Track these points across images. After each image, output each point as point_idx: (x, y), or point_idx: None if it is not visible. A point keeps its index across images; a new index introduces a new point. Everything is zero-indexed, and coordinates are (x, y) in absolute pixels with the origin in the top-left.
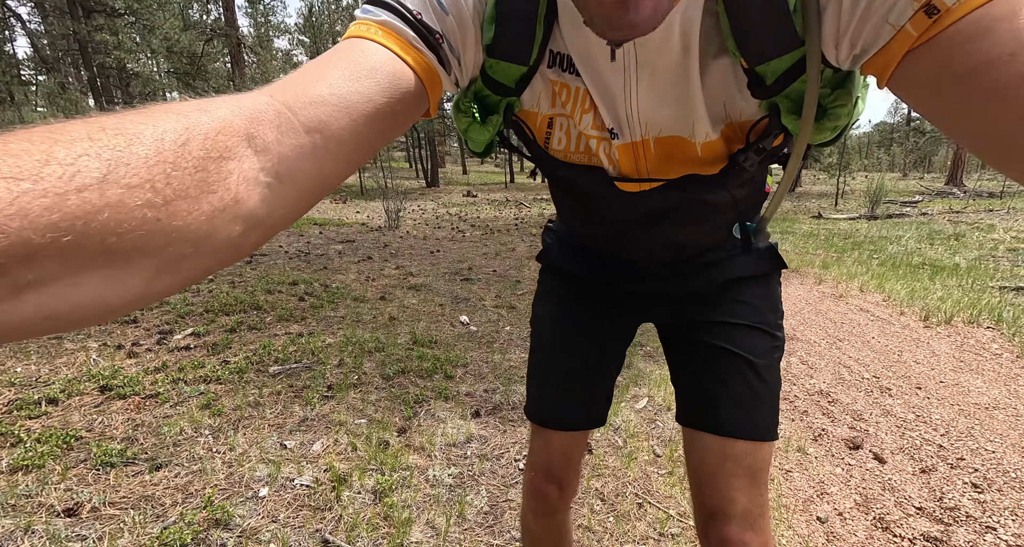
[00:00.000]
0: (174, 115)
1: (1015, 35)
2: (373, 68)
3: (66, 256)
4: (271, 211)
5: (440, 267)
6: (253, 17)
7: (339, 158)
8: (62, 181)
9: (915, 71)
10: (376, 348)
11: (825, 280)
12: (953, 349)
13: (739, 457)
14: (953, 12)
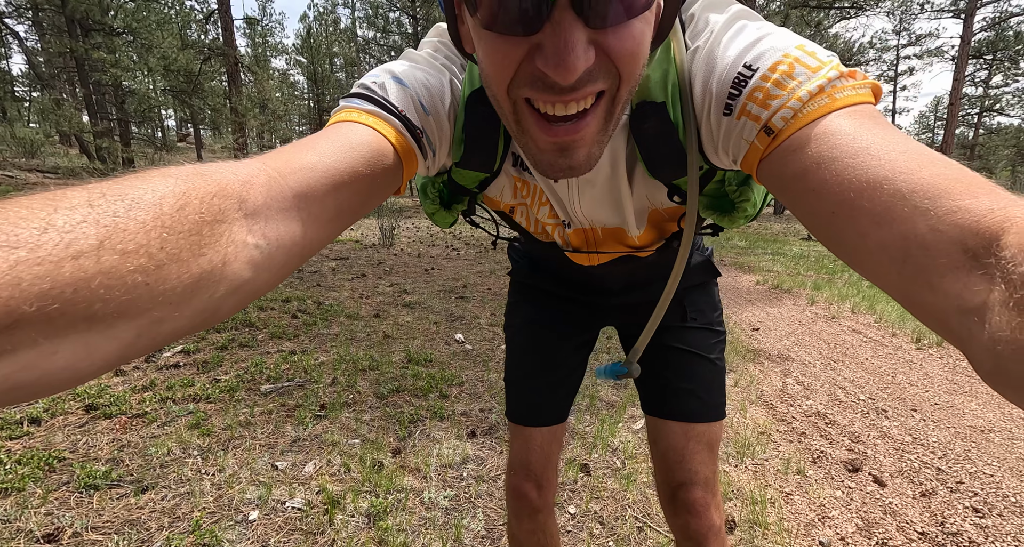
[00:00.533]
0: (173, 179)
1: (820, 150)
2: (358, 143)
3: (48, 324)
4: (256, 274)
5: (435, 285)
6: (251, 37)
7: (322, 223)
8: (58, 248)
9: (768, 173)
10: (370, 366)
11: (817, 301)
12: (946, 371)
13: (700, 436)
14: (784, 132)
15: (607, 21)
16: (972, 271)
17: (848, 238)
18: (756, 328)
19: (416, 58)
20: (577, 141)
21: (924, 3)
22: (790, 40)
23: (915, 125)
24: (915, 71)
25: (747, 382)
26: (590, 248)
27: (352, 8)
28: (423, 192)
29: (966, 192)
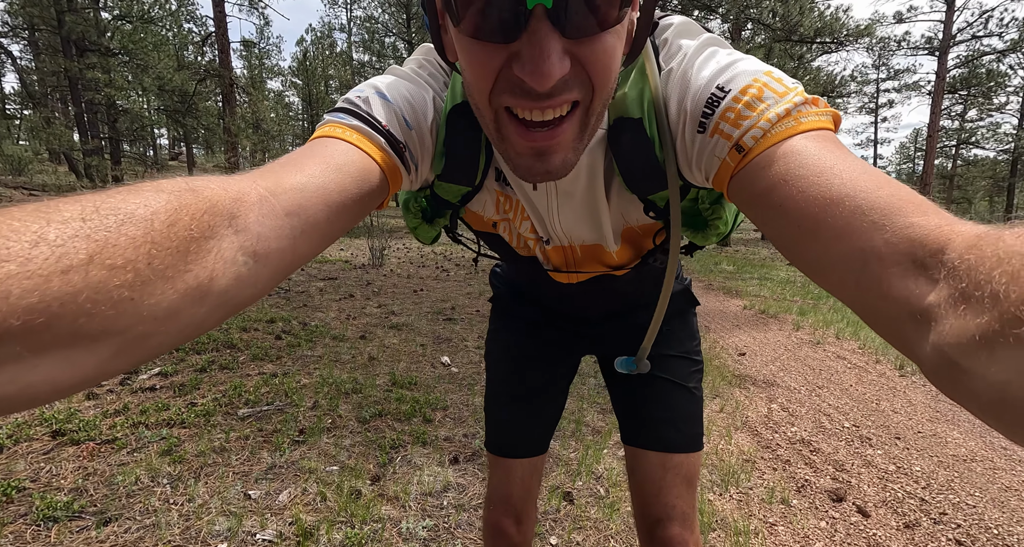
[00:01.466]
0: (165, 195)
1: (788, 168)
2: (346, 163)
3: (33, 337)
4: (241, 289)
5: (423, 306)
6: (248, 59)
7: (312, 240)
8: (48, 262)
9: (738, 189)
10: (353, 389)
11: (803, 326)
12: (928, 399)
13: (678, 468)
14: (753, 151)
15: (581, 32)
16: (919, 276)
17: (811, 251)
18: (742, 353)
19: (400, 74)
20: (553, 146)
21: (901, 40)
22: (759, 66)
23: (896, 155)
24: (895, 104)
25: (732, 407)
26: (569, 268)
27: (348, 33)
28: (406, 207)
29: (917, 211)
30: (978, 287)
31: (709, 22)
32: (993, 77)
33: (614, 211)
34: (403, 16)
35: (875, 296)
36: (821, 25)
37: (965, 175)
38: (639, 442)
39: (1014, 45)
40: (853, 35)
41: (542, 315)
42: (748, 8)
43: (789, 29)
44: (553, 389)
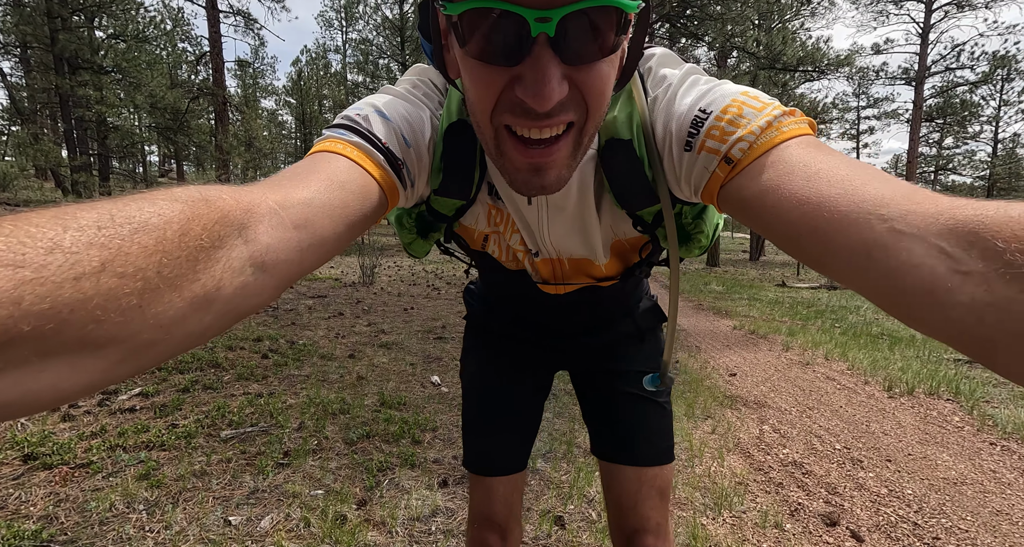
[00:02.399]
0: (179, 204)
1: (778, 173)
2: (348, 180)
3: (41, 343)
4: (247, 298)
5: (413, 325)
6: (242, 79)
7: (317, 253)
8: (62, 269)
9: (729, 197)
10: (341, 410)
11: (792, 347)
12: (917, 421)
13: (652, 480)
14: (743, 161)
15: (580, 59)
16: (936, 256)
17: (812, 247)
18: (733, 373)
19: (396, 93)
20: (549, 163)
21: (879, 71)
22: (736, 88)
23: None
24: (875, 130)
25: (724, 429)
26: (557, 280)
27: (343, 55)
28: (399, 223)
29: (910, 200)
30: None
31: (696, 50)
32: (967, 107)
33: (604, 225)
34: (397, 39)
35: (887, 281)
36: (803, 54)
37: None
38: (615, 458)
39: (985, 77)
40: (834, 65)
41: (517, 331)
42: (733, 37)
43: (773, 58)
44: (529, 404)
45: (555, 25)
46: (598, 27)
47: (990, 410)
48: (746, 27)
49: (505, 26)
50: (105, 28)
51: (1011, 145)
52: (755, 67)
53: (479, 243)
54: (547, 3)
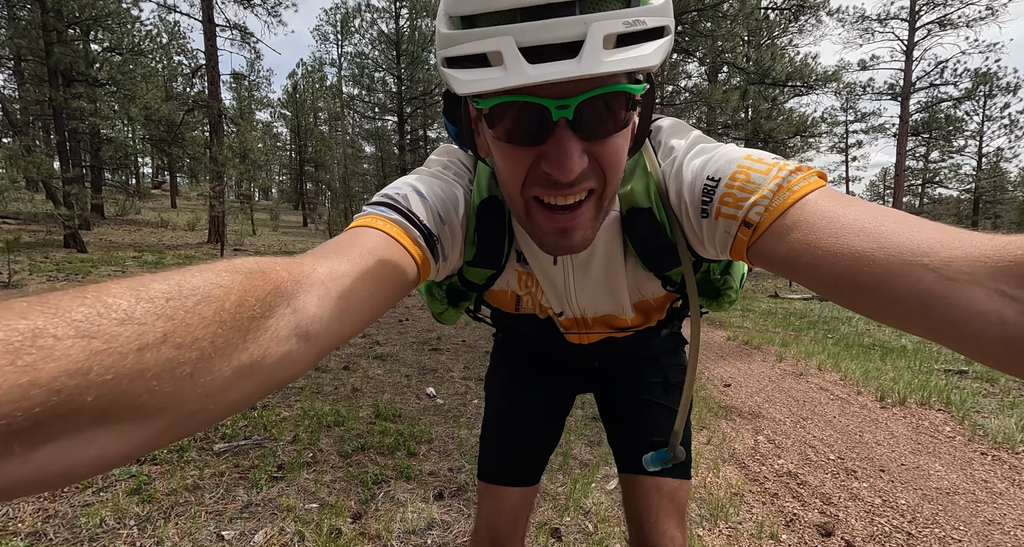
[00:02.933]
0: (240, 276)
1: (803, 234)
2: (387, 255)
3: (101, 413)
4: (288, 368)
5: (408, 336)
6: (237, 91)
7: (355, 322)
8: (129, 340)
9: (760, 256)
10: (335, 422)
11: (785, 357)
12: (910, 431)
13: (672, 494)
14: (762, 224)
15: (596, 136)
16: (1007, 304)
17: (859, 298)
18: (728, 384)
19: (431, 174)
20: (575, 225)
21: (866, 86)
22: (738, 154)
23: (867, 192)
24: (863, 144)
25: (719, 440)
26: (580, 330)
27: (339, 68)
28: (429, 294)
29: (946, 245)
30: None
31: (688, 64)
32: (951, 122)
33: (630, 286)
34: (393, 53)
35: (953, 328)
36: (792, 70)
37: (932, 212)
38: (634, 467)
39: (968, 93)
40: (821, 80)
41: (544, 356)
42: (723, 53)
43: (762, 73)
44: (551, 417)
45: (573, 110)
46: (610, 108)
47: (980, 420)
48: (736, 43)
49: (529, 113)
50: (101, 41)
51: (995, 159)
52: (745, 82)
53: (512, 305)
54: (565, 93)
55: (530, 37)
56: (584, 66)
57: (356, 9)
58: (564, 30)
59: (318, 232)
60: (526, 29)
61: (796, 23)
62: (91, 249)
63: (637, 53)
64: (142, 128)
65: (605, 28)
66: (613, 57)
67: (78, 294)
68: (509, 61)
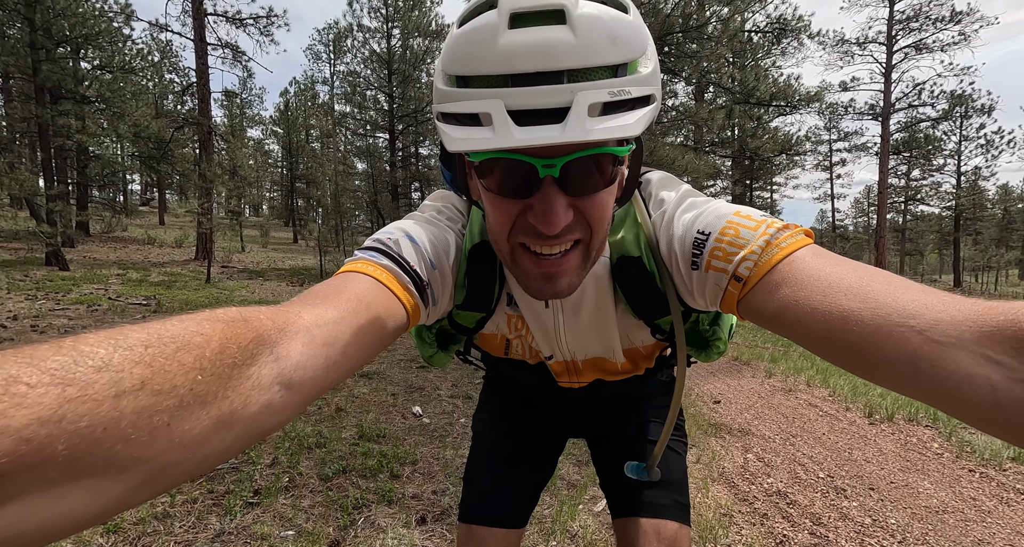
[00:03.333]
0: (221, 324)
1: (792, 290)
2: (375, 301)
3: (71, 464)
4: (269, 417)
5: (396, 353)
6: (229, 109)
7: (340, 369)
8: (106, 387)
9: (749, 310)
10: (317, 443)
11: (774, 373)
12: (898, 448)
13: (672, 541)
14: (751, 278)
15: (581, 192)
16: (987, 363)
17: (850, 357)
18: (717, 401)
19: (424, 219)
20: (560, 272)
21: (847, 106)
22: (728, 209)
23: (852, 209)
24: (847, 162)
25: (709, 458)
26: (571, 376)
27: (331, 86)
28: (419, 337)
29: (931, 307)
30: None
31: (675, 84)
32: (931, 141)
33: (620, 332)
34: (384, 71)
35: (944, 394)
36: (776, 90)
37: (915, 229)
38: (633, 510)
39: (945, 114)
40: (805, 100)
41: (534, 400)
42: (709, 73)
43: (747, 93)
44: (541, 458)
45: (559, 169)
46: (596, 167)
47: (967, 436)
48: (721, 64)
49: (517, 170)
50: (91, 59)
51: (973, 177)
52: (730, 101)
53: (501, 349)
54: (551, 153)
55: (519, 102)
56: (568, 133)
57: (348, 29)
58: (551, 97)
59: (308, 248)
60: (516, 94)
61: (778, 45)
62: (74, 267)
63: (620, 122)
64: (131, 145)
65: (591, 97)
66: (597, 125)
67: (55, 344)
68: (498, 123)
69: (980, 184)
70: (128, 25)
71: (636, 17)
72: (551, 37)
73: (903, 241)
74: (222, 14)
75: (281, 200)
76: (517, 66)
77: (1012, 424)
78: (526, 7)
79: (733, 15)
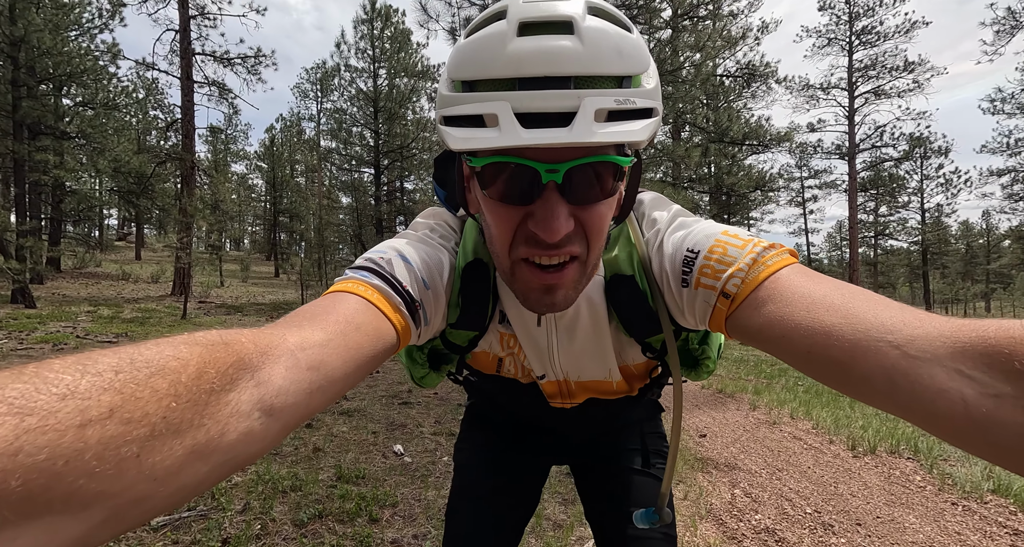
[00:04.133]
0: (199, 348)
1: (777, 306)
2: (364, 322)
3: (27, 502)
4: (249, 445)
5: (377, 389)
6: (213, 144)
7: (326, 394)
8: (70, 416)
9: (737, 327)
10: (292, 486)
11: (758, 406)
12: (882, 481)
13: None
14: (739, 295)
15: (582, 201)
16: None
17: (831, 373)
18: (703, 434)
19: (416, 237)
20: (559, 284)
21: (816, 146)
22: (716, 229)
23: (826, 243)
24: (818, 198)
25: (696, 494)
26: (564, 397)
27: (317, 123)
28: (409, 358)
29: (908, 323)
30: None
31: None
32: (895, 179)
33: (616, 351)
34: (371, 109)
35: (919, 409)
36: (748, 130)
37: (886, 262)
38: (620, 541)
39: (906, 154)
40: (775, 140)
41: (520, 425)
42: (685, 114)
43: (721, 132)
44: (524, 486)
45: (562, 175)
46: (598, 176)
47: (948, 468)
48: (696, 105)
49: (521, 175)
50: (74, 96)
51: (936, 214)
52: (706, 140)
53: (493, 367)
54: (555, 158)
55: (526, 104)
56: (575, 134)
57: (335, 69)
58: (559, 101)
59: (290, 282)
60: (523, 97)
61: (748, 89)
62: (41, 304)
63: (626, 128)
64: (110, 180)
65: (597, 103)
66: (603, 129)
67: (16, 371)
68: (504, 124)
69: (943, 220)
70: (114, 63)
71: (639, 37)
72: (559, 44)
73: (875, 274)
74: (210, 53)
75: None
76: (525, 70)
77: (983, 438)
78: (535, 17)
79: (705, 61)
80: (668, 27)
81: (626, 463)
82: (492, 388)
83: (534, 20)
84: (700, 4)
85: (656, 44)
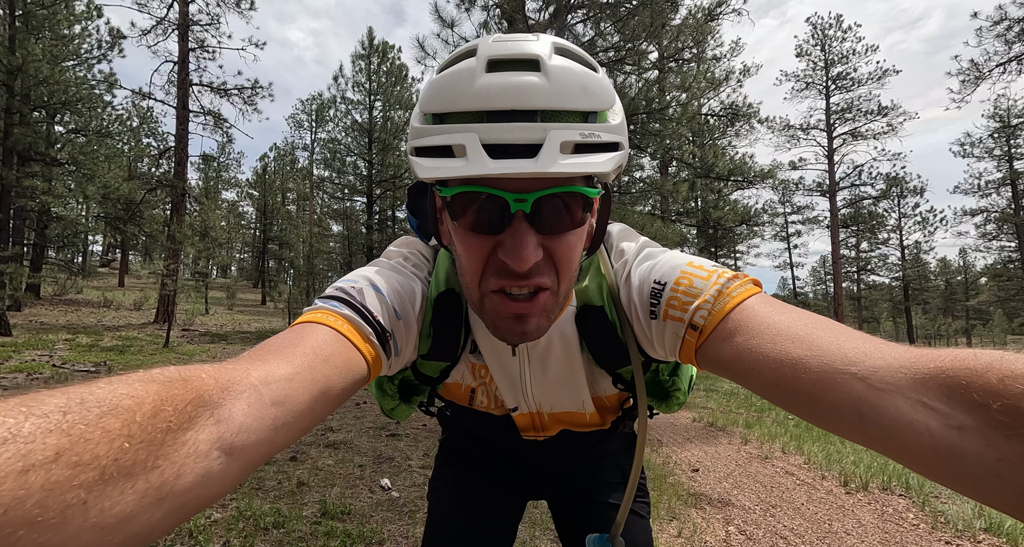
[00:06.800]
0: (155, 385)
1: (744, 338)
2: (333, 354)
3: None
4: (206, 488)
5: (364, 421)
6: (205, 172)
7: (291, 430)
8: (11, 462)
9: (707, 359)
10: (275, 523)
11: (750, 440)
12: (876, 519)
13: None
14: (707, 327)
15: (551, 230)
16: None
17: (802, 405)
18: (696, 469)
19: (389, 266)
20: (529, 313)
21: (798, 183)
22: (681, 260)
23: (810, 277)
24: (802, 234)
25: (691, 532)
26: (536, 430)
27: (311, 152)
28: (379, 389)
29: (870, 355)
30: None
31: (641, 158)
32: (874, 217)
33: (588, 382)
34: (365, 140)
35: (888, 441)
36: (733, 167)
37: (869, 297)
38: None
39: (884, 193)
40: (759, 176)
41: (495, 459)
42: (671, 150)
43: (707, 168)
44: (500, 523)
45: (530, 204)
46: (567, 206)
47: (940, 506)
48: (682, 142)
49: (490, 205)
50: (67, 123)
51: (915, 251)
52: (692, 175)
53: (466, 398)
54: (523, 188)
55: (493, 136)
56: (540, 164)
57: (331, 100)
58: (525, 133)
59: (276, 310)
60: (491, 129)
61: (732, 128)
62: (18, 332)
63: (591, 160)
64: (97, 206)
65: (563, 136)
66: (568, 160)
67: None
68: (472, 154)
69: (922, 257)
70: (110, 92)
71: (604, 76)
72: (527, 80)
73: (860, 308)
74: (207, 84)
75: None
76: (493, 103)
77: (949, 470)
78: (503, 55)
79: (691, 100)
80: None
81: (603, 496)
82: (466, 420)
83: (502, 57)
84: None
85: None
